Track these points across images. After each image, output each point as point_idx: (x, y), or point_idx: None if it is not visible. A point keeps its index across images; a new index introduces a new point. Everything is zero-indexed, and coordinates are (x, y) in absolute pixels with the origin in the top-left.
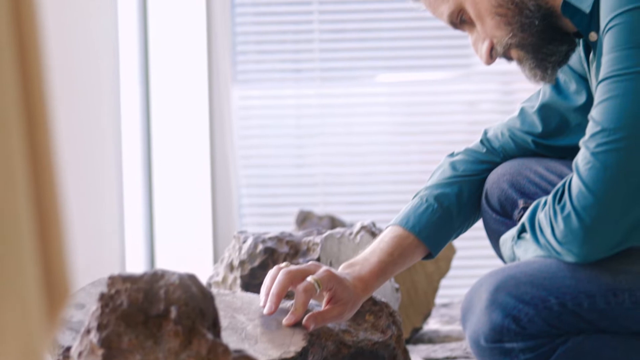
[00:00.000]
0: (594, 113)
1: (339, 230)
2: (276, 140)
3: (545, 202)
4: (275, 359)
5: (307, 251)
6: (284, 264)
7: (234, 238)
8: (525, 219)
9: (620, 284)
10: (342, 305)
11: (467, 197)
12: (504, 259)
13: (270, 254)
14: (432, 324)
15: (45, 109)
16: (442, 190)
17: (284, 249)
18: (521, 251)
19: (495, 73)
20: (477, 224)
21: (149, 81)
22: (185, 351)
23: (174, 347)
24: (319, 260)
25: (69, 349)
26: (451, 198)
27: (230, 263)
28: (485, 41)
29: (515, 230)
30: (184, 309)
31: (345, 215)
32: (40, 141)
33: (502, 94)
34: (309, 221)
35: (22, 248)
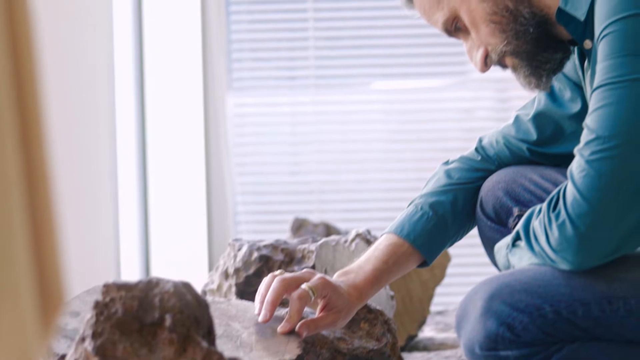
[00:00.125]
0: (589, 121)
1: (334, 237)
2: (271, 148)
3: (540, 210)
4: None
5: (302, 259)
6: (278, 272)
7: (229, 246)
8: (519, 226)
9: (614, 291)
10: (336, 313)
11: (462, 205)
12: (498, 266)
13: (265, 261)
14: (427, 332)
15: (39, 120)
16: (437, 198)
17: (279, 256)
18: (516, 259)
19: (490, 80)
20: (472, 231)
21: (144, 89)
22: (180, 359)
23: (168, 355)
24: (314, 267)
25: (63, 356)
26: (446, 206)
27: (225, 271)
28: (480, 49)
29: (509, 238)
30: (178, 317)
31: (340, 223)
32: (35, 150)
33: (497, 102)
34: (304, 229)
35: (16, 256)
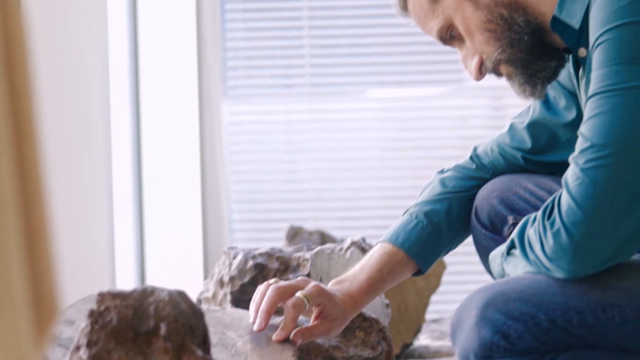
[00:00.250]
0: (583, 129)
1: (329, 246)
2: (266, 156)
3: (534, 218)
4: None
5: (297, 267)
6: (272, 280)
7: (224, 254)
8: (514, 235)
9: (609, 299)
10: (330, 321)
11: (456, 213)
12: (493, 275)
13: (260, 269)
14: (422, 340)
15: (33, 129)
16: (431, 206)
17: (274, 264)
18: (510, 267)
19: (485, 88)
20: (467, 239)
21: (139, 97)
22: None
23: None
24: (309, 276)
25: None
26: (441, 214)
27: (221, 279)
28: (475, 57)
29: (504, 246)
30: (173, 325)
31: (336, 231)
32: (29, 157)
33: (492, 109)
34: (300, 237)
35: (10, 265)
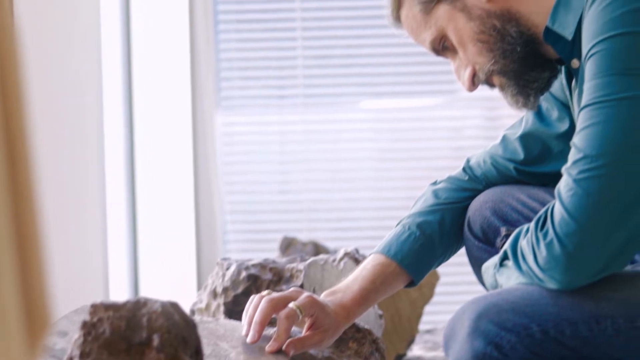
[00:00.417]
0: (576, 140)
1: (322, 257)
2: (260, 167)
3: (527, 230)
4: None
5: (291, 278)
6: (265, 292)
7: (217, 265)
8: (507, 246)
9: (602, 310)
10: (323, 332)
11: (449, 224)
12: (486, 286)
13: (253, 280)
14: (415, 350)
15: (25, 139)
16: (424, 218)
17: (267, 275)
18: (503, 278)
19: (480, 99)
20: (461, 250)
21: (132, 108)
22: None
23: None
24: (302, 287)
25: None
26: (433, 226)
27: (214, 290)
28: (468, 68)
29: (497, 257)
30: (166, 336)
31: (330, 242)
32: (21, 168)
33: (486, 120)
34: (293, 247)
35: (1, 276)
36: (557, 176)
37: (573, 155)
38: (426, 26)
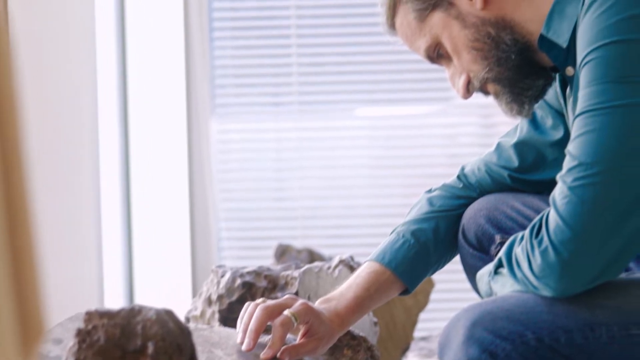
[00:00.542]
0: (571, 147)
1: (317, 264)
2: (255, 174)
3: (522, 237)
4: None
5: (286, 285)
6: (260, 300)
7: (212, 272)
8: (502, 253)
9: (597, 318)
10: (317, 339)
11: (443, 232)
12: (480, 294)
13: (248, 288)
14: (410, 358)
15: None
16: (418, 225)
17: (262, 283)
18: (498, 286)
19: (474, 106)
20: (456, 257)
21: (127, 115)
22: None
23: None
24: (297, 294)
25: None
26: (428, 233)
27: (209, 297)
28: (462, 75)
29: (492, 265)
30: (161, 344)
31: (324, 249)
32: (15, 176)
33: (482, 127)
34: (288, 255)
35: None
36: (552, 184)
37: (568, 163)
38: (421, 34)
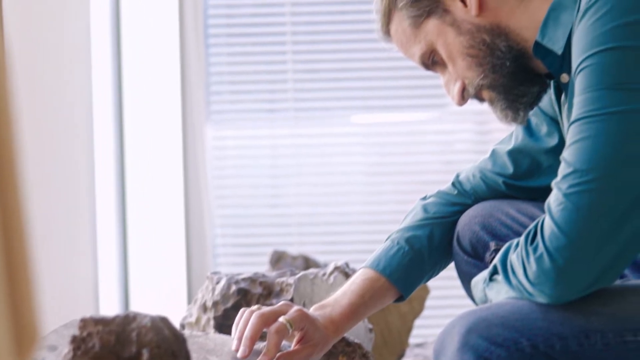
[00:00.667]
0: (566, 154)
1: (312, 271)
2: (250, 180)
3: (517, 244)
4: None
5: (281, 292)
6: (255, 307)
7: (207, 279)
8: (497, 260)
9: (592, 325)
10: (312, 346)
11: (438, 239)
12: (475, 301)
13: (243, 294)
14: None
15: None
16: (413, 232)
17: (257, 289)
18: (493, 293)
19: (470, 113)
20: (451, 264)
21: (123, 122)
22: None
23: None
24: (292, 301)
25: None
26: (422, 240)
27: (204, 304)
28: (457, 82)
29: (487, 272)
30: (155, 351)
31: (320, 255)
32: (9, 183)
33: (477, 134)
34: (283, 261)
35: None
36: (546, 191)
37: (563, 170)
38: (415, 40)
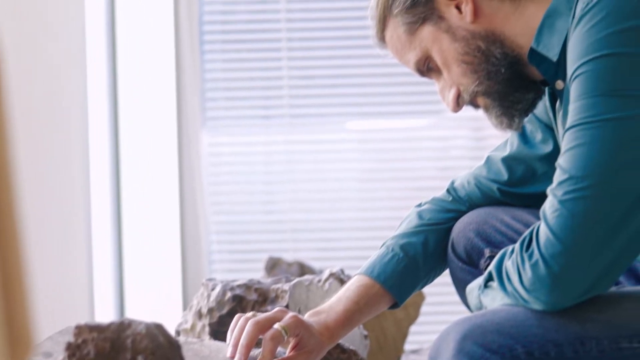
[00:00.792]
0: (562, 161)
1: (307, 277)
2: (245, 187)
3: (512, 251)
4: None
5: (276, 298)
6: (250, 314)
7: (202, 285)
8: (492, 267)
9: (587, 332)
10: (307, 352)
11: (433, 246)
12: (470, 307)
13: (238, 301)
14: None
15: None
16: (407, 239)
17: (252, 296)
18: (488, 300)
19: (466, 119)
20: (447, 270)
21: (118, 128)
22: None
23: None
24: (287, 307)
25: None
26: (417, 247)
27: (199, 310)
28: (452, 89)
29: (482, 278)
30: (150, 358)
31: (315, 262)
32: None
33: (473, 140)
34: (278, 268)
35: None
36: (541, 197)
37: (558, 176)
38: (410, 47)
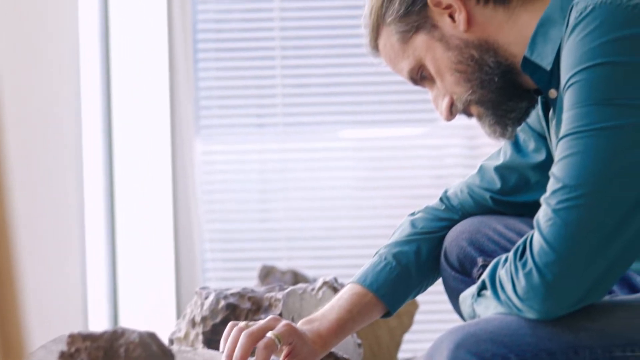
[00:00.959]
0: (555, 170)
1: (301, 286)
2: (239, 195)
3: (505, 259)
4: None
5: (269, 307)
6: (243, 324)
7: (195, 294)
8: (485, 276)
9: (580, 341)
10: None
11: (425, 255)
12: (463, 316)
13: (232, 310)
14: None
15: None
16: (400, 248)
17: (246, 305)
18: (481, 308)
19: (460, 127)
20: (440, 279)
21: (112, 136)
22: None
23: None
24: (281, 316)
25: None
26: (410, 256)
27: (192, 319)
28: (445, 97)
29: (475, 287)
30: None
31: (309, 270)
32: None
33: (467, 149)
34: (272, 276)
35: None
36: (534, 206)
37: (552, 185)
38: (404, 55)
